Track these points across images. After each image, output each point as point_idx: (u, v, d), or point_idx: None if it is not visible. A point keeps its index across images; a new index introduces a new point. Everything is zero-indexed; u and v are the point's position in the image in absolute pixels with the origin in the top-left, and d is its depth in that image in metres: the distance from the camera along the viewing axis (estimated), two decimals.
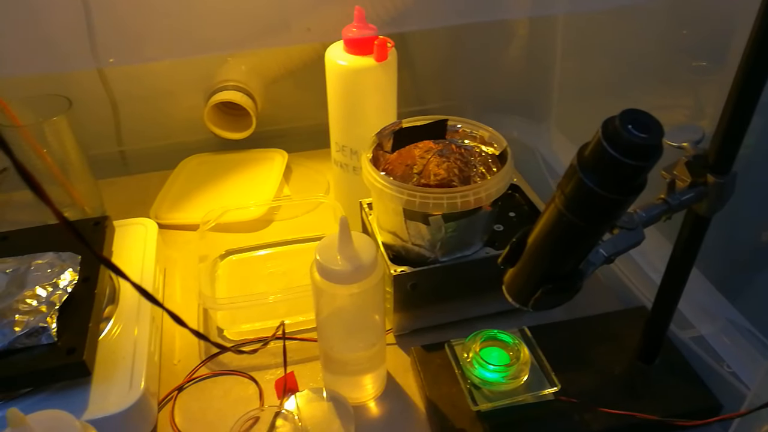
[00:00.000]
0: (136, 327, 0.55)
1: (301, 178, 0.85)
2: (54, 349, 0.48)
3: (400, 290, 0.57)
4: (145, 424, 0.52)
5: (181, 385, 0.57)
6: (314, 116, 0.94)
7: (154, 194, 0.80)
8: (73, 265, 0.55)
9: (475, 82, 0.94)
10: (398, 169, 0.63)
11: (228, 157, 0.86)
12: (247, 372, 0.58)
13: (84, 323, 0.51)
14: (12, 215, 0.78)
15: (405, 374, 0.58)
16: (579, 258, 0.37)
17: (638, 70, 0.72)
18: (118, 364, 0.52)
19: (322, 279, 0.48)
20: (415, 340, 0.60)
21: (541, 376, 0.51)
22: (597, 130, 0.30)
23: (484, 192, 0.53)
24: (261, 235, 0.75)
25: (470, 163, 0.62)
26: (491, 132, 0.60)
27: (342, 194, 0.72)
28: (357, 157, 0.67)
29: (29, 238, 0.60)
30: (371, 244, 0.49)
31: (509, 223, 0.63)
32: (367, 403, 0.56)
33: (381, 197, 0.55)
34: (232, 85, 0.81)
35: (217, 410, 0.55)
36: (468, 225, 0.55)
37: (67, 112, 0.67)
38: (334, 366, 0.54)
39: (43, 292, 0.52)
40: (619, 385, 0.53)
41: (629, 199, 0.32)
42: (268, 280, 0.68)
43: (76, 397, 0.49)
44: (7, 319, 0.49)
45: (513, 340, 0.51)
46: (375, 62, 0.62)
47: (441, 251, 0.56)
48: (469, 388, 0.50)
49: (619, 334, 0.57)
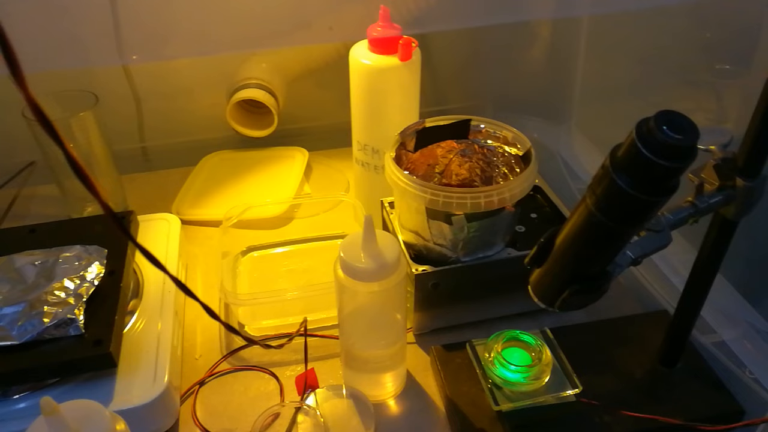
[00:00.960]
0: (159, 321, 0.56)
1: (321, 177, 0.85)
2: (81, 341, 0.49)
3: (421, 289, 0.57)
4: (168, 417, 0.52)
5: (203, 380, 0.58)
6: (334, 115, 0.94)
7: (176, 190, 0.81)
8: (100, 258, 0.55)
9: (495, 82, 0.94)
10: (420, 168, 0.63)
11: (249, 155, 0.87)
12: (267, 368, 0.59)
13: (110, 316, 0.51)
14: (38, 208, 0.79)
15: (424, 373, 0.58)
16: (607, 259, 0.37)
17: (660, 73, 0.71)
18: (142, 357, 0.52)
19: (345, 276, 0.49)
20: (435, 339, 0.60)
21: (563, 377, 0.51)
22: (631, 131, 0.30)
23: (508, 192, 0.53)
24: (281, 233, 0.75)
25: (493, 164, 0.62)
26: (515, 132, 0.60)
27: (363, 193, 0.72)
28: (379, 156, 0.68)
29: (56, 231, 0.61)
30: (395, 243, 0.49)
31: (531, 224, 0.63)
32: (386, 401, 0.56)
33: (404, 196, 0.55)
34: (255, 83, 0.81)
35: (237, 405, 0.55)
36: (490, 225, 0.55)
37: (94, 107, 0.68)
38: (355, 363, 0.54)
39: (71, 284, 0.52)
40: (641, 388, 0.52)
41: (662, 200, 0.32)
42: (288, 277, 0.68)
43: (102, 388, 0.50)
44: (36, 310, 0.50)
45: (535, 341, 0.51)
46: (399, 62, 0.62)
47: (463, 251, 0.56)
48: (490, 387, 0.51)
49: (641, 337, 0.57)
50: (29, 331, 0.48)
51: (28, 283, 0.53)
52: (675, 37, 0.68)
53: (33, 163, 0.82)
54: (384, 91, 0.64)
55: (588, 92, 0.82)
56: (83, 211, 0.75)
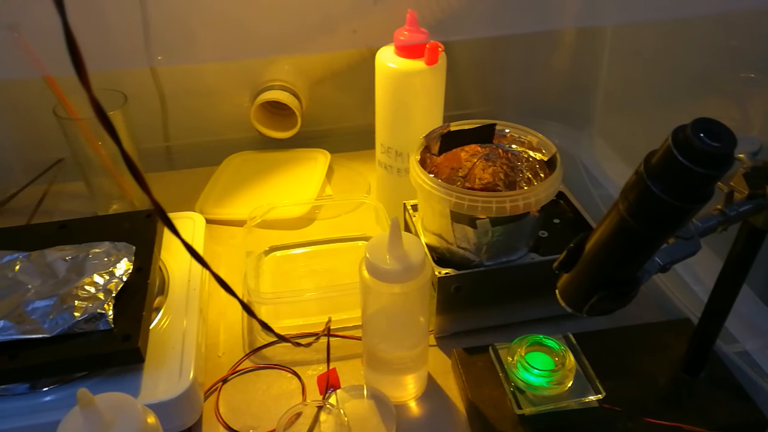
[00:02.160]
0: (184, 318, 0.57)
1: (342, 179, 0.86)
2: (110, 336, 0.50)
3: (443, 292, 0.58)
4: (193, 413, 0.53)
5: (226, 377, 0.58)
6: (356, 118, 0.95)
7: (198, 189, 0.82)
8: (128, 255, 0.56)
9: (516, 87, 0.94)
10: (444, 171, 0.64)
11: (272, 156, 0.87)
12: (290, 367, 0.59)
13: (138, 312, 0.52)
14: (65, 205, 0.80)
15: (445, 376, 0.58)
16: (638, 265, 0.37)
17: (684, 80, 0.71)
18: (167, 354, 0.53)
19: (370, 277, 0.49)
20: (456, 342, 0.60)
21: (585, 382, 0.51)
22: (666, 138, 0.31)
23: (533, 197, 0.53)
24: (303, 233, 0.76)
25: (517, 168, 0.63)
26: (540, 138, 0.60)
27: (385, 195, 0.73)
28: (402, 159, 0.68)
29: (85, 227, 0.62)
30: (420, 246, 0.49)
31: (554, 229, 0.63)
32: (407, 402, 0.56)
33: (428, 199, 0.56)
34: (279, 84, 0.82)
35: (260, 403, 0.56)
36: (515, 230, 0.56)
37: (122, 107, 0.70)
38: (378, 364, 0.55)
39: (101, 279, 0.53)
40: (664, 396, 0.52)
41: (695, 208, 0.32)
42: (310, 277, 0.69)
43: (129, 383, 0.51)
44: (67, 304, 0.51)
45: (559, 346, 0.51)
46: (425, 66, 0.62)
47: (486, 255, 0.57)
48: (513, 391, 0.51)
49: (663, 344, 0.57)
50: (60, 324, 0.49)
51: (59, 278, 0.54)
52: (700, 45, 0.68)
53: (61, 160, 0.83)
54: (409, 95, 0.64)
55: (610, 99, 0.82)
56: (109, 208, 0.76)
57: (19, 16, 0.59)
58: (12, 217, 0.78)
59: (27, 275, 0.54)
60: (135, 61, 0.68)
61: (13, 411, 0.49)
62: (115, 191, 0.75)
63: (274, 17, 0.63)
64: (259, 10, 0.62)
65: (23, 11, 0.59)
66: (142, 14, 0.59)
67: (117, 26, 0.60)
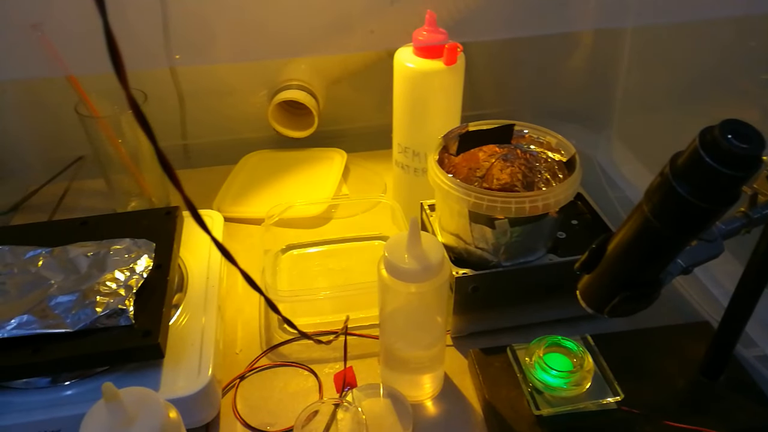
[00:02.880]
0: (203, 315, 0.57)
1: (358, 179, 0.86)
2: (131, 331, 0.50)
3: (460, 292, 0.58)
4: (211, 409, 0.53)
5: (243, 374, 0.59)
6: (372, 118, 0.95)
7: (216, 187, 0.82)
8: (149, 252, 0.57)
9: (533, 89, 0.94)
10: (462, 172, 0.64)
11: (288, 155, 0.88)
12: (306, 364, 0.59)
13: (158, 308, 0.53)
14: (85, 202, 0.81)
15: (462, 376, 0.58)
16: (661, 267, 0.37)
17: (704, 82, 0.71)
18: (186, 350, 0.54)
19: (389, 276, 0.49)
20: (472, 343, 0.60)
21: (604, 384, 0.51)
22: (694, 139, 0.31)
23: (552, 198, 0.53)
24: (320, 232, 0.76)
25: (535, 169, 0.62)
26: (559, 138, 0.60)
27: (402, 195, 0.73)
28: (419, 159, 0.68)
29: (106, 224, 0.63)
30: (439, 246, 0.49)
31: (572, 230, 0.63)
32: (424, 402, 0.56)
33: (446, 199, 0.56)
34: (296, 84, 0.83)
35: (277, 400, 0.56)
36: (533, 231, 0.56)
37: (142, 105, 0.70)
38: (395, 363, 0.55)
39: (121, 275, 0.54)
40: (683, 399, 0.52)
41: (722, 209, 0.32)
42: (327, 276, 0.69)
43: (148, 378, 0.51)
44: (89, 299, 0.51)
45: (577, 347, 0.51)
46: (444, 66, 0.63)
47: (504, 256, 0.57)
48: (531, 392, 0.51)
49: (682, 347, 0.57)
50: (82, 319, 0.50)
51: (81, 274, 0.54)
52: (720, 46, 0.68)
53: (81, 158, 0.84)
54: (427, 95, 0.65)
55: (629, 100, 0.82)
56: (127, 205, 0.76)
57: (43, 16, 0.60)
58: (34, 213, 0.79)
59: (50, 270, 0.55)
60: (155, 61, 0.69)
61: (35, 404, 0.49)
62: (134, 188, 0.75)
63: (291, 18, 0.64)
64: (276, 12, 0.63)
65: (46, 11, 0.60)
66: (162, 15, 0.60)
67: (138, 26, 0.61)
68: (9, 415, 0.48)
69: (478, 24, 0.77)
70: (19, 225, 0.65)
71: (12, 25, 0.60)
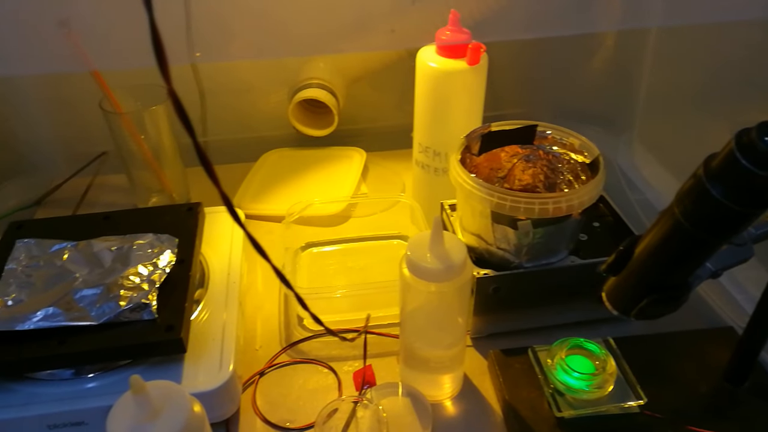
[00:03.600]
0: (224, 311, 0.57)
1: (376, 178, 0.86)
2: (154, 326, 0.51)
3: (481, 293, 0.57)
4: (231, 405, 0.53)
5: (263, 370, 0.59)
6: (392, 117, 0.95)
7: (236, 185, 0.83)
8: (171, 247, 0.57)
9: (553, 90, 0.93)
10: (483, 172, 0.63)
11: (308, 153, 0.88)
12: (326, 362, 0.60)
13: (180, 303, 0.53)
14: (106, 197, 0.82)
15: (481, 377, 0.58)
16: (690, 270, 0.37)
17: (730, 84, 0.70)
18: (208, 345, 0.54)
19: (410, 274, 0.49)
20: (491, 343, 0.60)
21: (626, 388, 0.50)
22: (729, 140, 0.30)
23: (576, 199, 0.53)
24: (339, 230, 0.76)
25: (557, 170, 0.62)
26: (582, 140, 0.60)
27: (421, 195, 0.73)
28: (440, 159, 0.68)
29: (128, 219, 0.63)
30: (461, 246, 0.49)
31: (593, 232, 0.62)
32: (443, 401, 0.56)
33: (468, 199, 0.56)
34: (317, 82, 0.83)
35: (296, 397, 0.56)
36: (556, 232, 0.55)
37: (165, 101, 0.71)
38: (415, 362, 0.55)
39: (145, 270, 0.54)
40: (706, 404, 0.52)
41: (756, 213, 0.31)
42: (345, 274, 0.69)
43: (170, 372, 0.51)
44: (113, 293, 0.52)
45: (600, 350, 0.51)
46: (467, 65, 0.62)
47: (526, 257, 0.56)
48: (552, 393, 0.50)
49: (705, 353, 0.56)
50: (107, 313, 0.50)
51: (105, 267, 0.55)
52: (747, 48, 0.67)
53: (105, 153, 0.85)
54: (450, 95, 0.64)
55: (652, 103, 0.81)
56: (148, 200, 0.77)
57: (69, 12, 0.61)
58: (56, 207, 0.80)
59: (75, 264, 0.55)
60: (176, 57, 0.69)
61: (58, 396, 0.50)
62: (155, 184, 0.76)
63: (311, 17, 0.64)
64: (297, 10, 0.63)
65: (72, 7, 0.61)
66: (185, 12, 0.60)
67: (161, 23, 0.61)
68: (35, 406, 0.48)
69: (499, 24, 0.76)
70: (43, 219, 0.66)
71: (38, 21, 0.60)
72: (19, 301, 0.51)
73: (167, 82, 0.28)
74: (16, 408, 0.48)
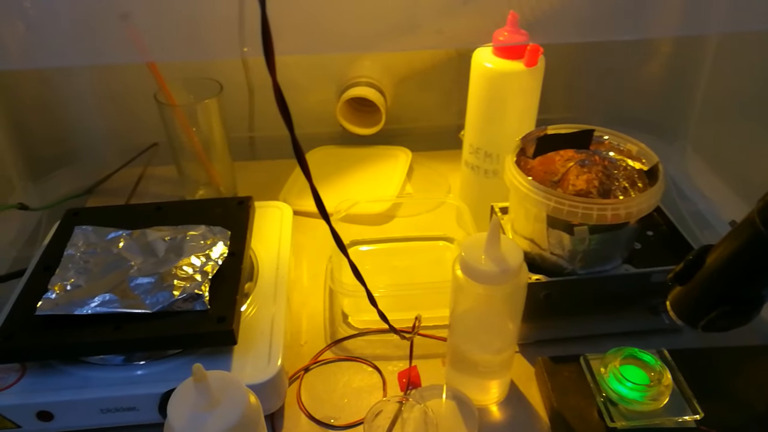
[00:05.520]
0: (273, 306, 0.57)
1: (421, 178, 0.86)
2: (206, 316, 0.51)
3: (531, 298, 0.56)
4: (278, 399, 0.54)
5: (308, 366, 0.59)
6: (437, 117, 0.95)
7: (281, 180, 0.83)
8: (224, 239, 0.58)
9: (604, 95, 0.91)
10: (537, 175, 0.62)
11: (353, 151, 0.88)
12: (371, 361, 0.59)
13: (231, 295, 0.53)
14: (155, 188, 0.83)
15: (528, 383, 0.57)
16: (765, 283, 0.36)
17: None
18: (256, 339, 0.54)
19: (464, 276, 0.49)
20: (538, 350, 0.59)
21: (682, 401, 0.49)
22: None
23: (635, 207, 0.52)
24: (383, 230, 0.76)
25: (612, 177, 0.61)
26: (640, 146, 0.59)
27: (469, 196, 0.72)
28: (491, 161, 0.67)
29: (180, 210, 0.64)
30: (518, 250, 0.48)
31: (647, 241, 0.61)
32: (488, 406, 0.55)
33: (524, 202, 0.55)
34: (365, 81, 0.83)
35: (341, 395, 0.56)
36: (612, 239, 0.54)
37: (218, 95, 0.71)
38: (462, 365, 0.54)
39: (198, 261, 0.55)
40: (765, 423, 0.50)
41: None
42: (390, 274, 0.69)
43: (219, 364, 0.52)
44: (167, 282, 0.52)
45: (655, 361, 0.49)
46: (524, 67, 0.62)
47: (580, 263, 0.55)
48: (604, 403, 0.49)
49: (762, 370, 0.54)
50: (160, 302, 0.51)
51: (159, 257, 0.56)
52: None
53: (155, 145, 0.86)
54: (505, 96, 0.64)
55: (709, 111, 0.79)
56: (196, 193, 0.78)
57: (131, 6, 0.62)
58: (106, 196, 0.81)
59: (130, 252, 0.56)
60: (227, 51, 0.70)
61: (109, 381, 0.50)
62: (203, 177, 0.77)
63: (359, 15, 0.64)
64: (346, 7, 0.63)
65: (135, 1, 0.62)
66: (239, 6, 0.61)
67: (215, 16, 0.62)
68: (90, 389, 0.49)
69: (551, 27, 0.75)
70: (98, 207, 0.67)
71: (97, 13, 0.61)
72: (78, 287, 0.52)
73: (272, 74, 0.28)
74: (72, 390, 0.49)
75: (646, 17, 0.66)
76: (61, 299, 0.51)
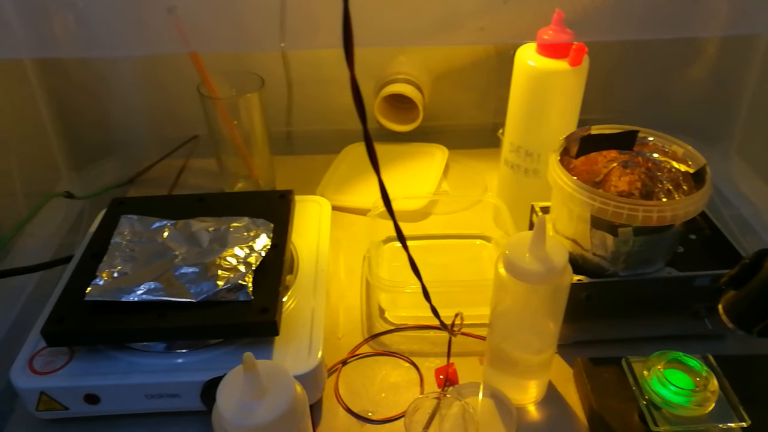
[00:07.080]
0: (313, 298, 0.58)
1: (458, 176, 0.85)
2: (249, 307, 0.52)
3: (572, 299, 0.56)
4: (317, 391, 0.54)
5: (346, 359, 0.59)
6: (474, 115, 0.95)
7: (316, 175, 0.84)
8: (267, 231, 0.58)
9: (645, 97, 0.90)
10: (579, 175, 0.62)
11: (390, 148, 0.88)
12: (408, 356, 0.60)
13: (274, 286, 0.54)
14: (194, 180, 0.84)
15: (565, 384, 0.57)
16: None
17: None
18: (297, 331, 0.54)
19: (507, 274, 0.49)
20: (576, 351, 0.59)
21: (728, 408, 0.48)
22: None
23: (681, 209, 0.51)
24: (419, 226, 0.76)
25: (656, 179, 0.60)
26: (687, 148, 0.58)
27: (508, 195, 0.72)
28: (531, 160, 0.67)
29: (222, 201, 0.65)
30: (563, 250, 0.48)
31: (690, 245, 0.60)
32: (526, 406, 0.55)
33: (568, 201, 0.54)
34: (403, 77, 0.83)
35: (378, 389, 0.57)
36: (656, 241, 0.54)
37: (259, 89, 0.72)
38: (501, 364, 0.54)
39: (241, 252, 0.55)
40: None
41: None
42: (426, 271, 0.68)
43: (260, 355, 0.51)
44: (211, 272, 0.53)
45: (700, 366, 0.49)
46: (568, 66, 0.61)
47: (623, 265, 0.55)
48: (647, 406, 0.49)
49: None
50: (204, 291, 0.52)
51: (203, 248, 0.56)
52: None
53: (196, 137, 0.88)
54: (548, 95, 0.63)
55: (755, 115, 0.77)
56: (235, 186, 0.79)
57: None
58: (147, 187, 0.83)
59: (174, 242, 0.57)
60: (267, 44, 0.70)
61: (153, 367, 0.51)
62: (242, 170, 0.77)
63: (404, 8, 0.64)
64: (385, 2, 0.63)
65: None
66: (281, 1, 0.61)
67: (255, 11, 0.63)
68: (135, 375, 0.50)
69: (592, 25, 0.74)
70: (142, 197, 0.68)
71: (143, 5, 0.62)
72: (124, 274, 0.53)
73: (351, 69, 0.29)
74: (119, 375, 0.50)
75: (695, 15, 0.65)
76: (108, 286, 0.52)
